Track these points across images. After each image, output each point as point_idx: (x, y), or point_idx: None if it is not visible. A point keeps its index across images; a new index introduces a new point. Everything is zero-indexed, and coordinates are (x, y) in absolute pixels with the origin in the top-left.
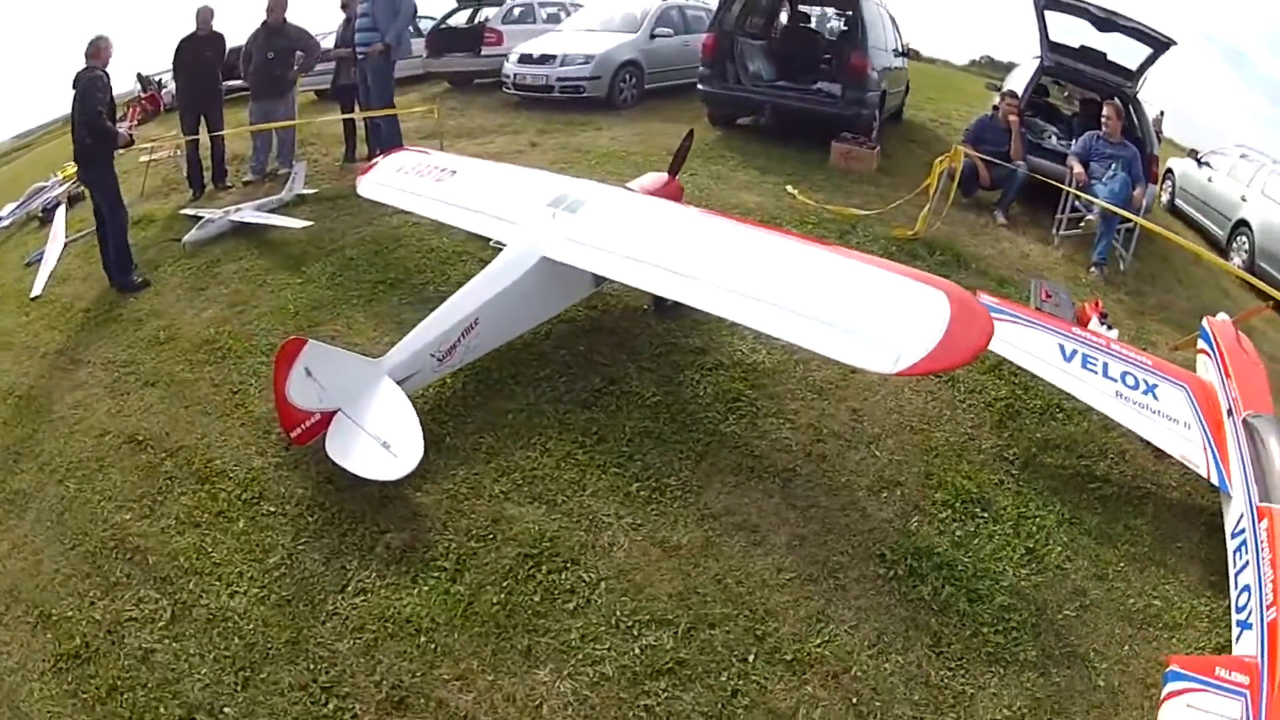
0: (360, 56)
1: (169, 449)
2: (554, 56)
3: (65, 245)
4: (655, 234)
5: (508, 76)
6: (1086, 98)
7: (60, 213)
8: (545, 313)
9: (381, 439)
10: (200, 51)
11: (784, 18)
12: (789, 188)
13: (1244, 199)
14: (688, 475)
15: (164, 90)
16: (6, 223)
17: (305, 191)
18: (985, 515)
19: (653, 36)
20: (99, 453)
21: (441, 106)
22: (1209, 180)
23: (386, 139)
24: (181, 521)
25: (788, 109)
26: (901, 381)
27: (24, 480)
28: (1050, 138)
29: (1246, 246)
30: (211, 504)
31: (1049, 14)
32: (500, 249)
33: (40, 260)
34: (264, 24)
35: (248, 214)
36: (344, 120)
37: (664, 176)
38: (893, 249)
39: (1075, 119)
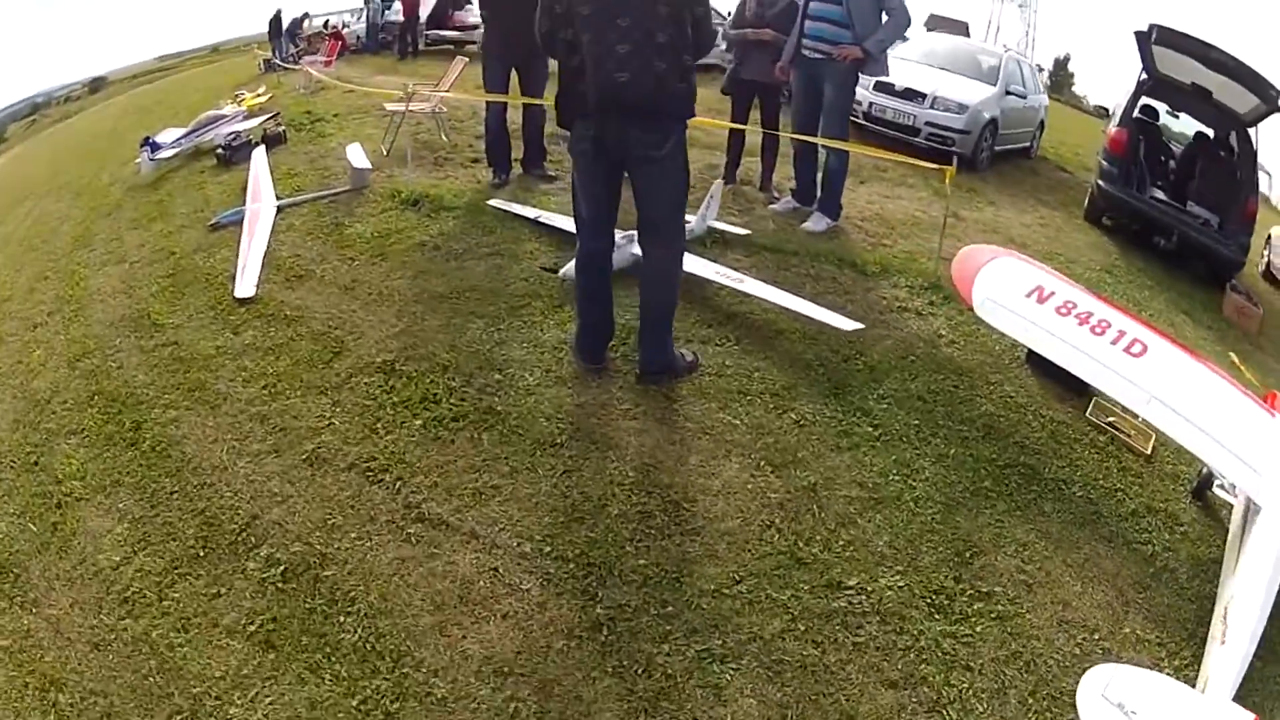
0: (815, 55)
1: None
2: (922, 95)
3: (279, 211)
4: None
5: (857, 102)
6: None
7: (259, 159)
8: None
9: None
10: None
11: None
12: (1232, 356)
13: None
14: None
15: (346, 30)
16: (169, 154)
17: (724, 227)
18: None
19: (1006, 92)
20: None
21: None
22: None
23: (834, 178)
24: None
25: (1186, 239)
26: None
27: None
28: None
29: None
30: None
31: None
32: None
33: (237, 222)
34: None
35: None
36: (731, 130)
37: None
38: None
39: None
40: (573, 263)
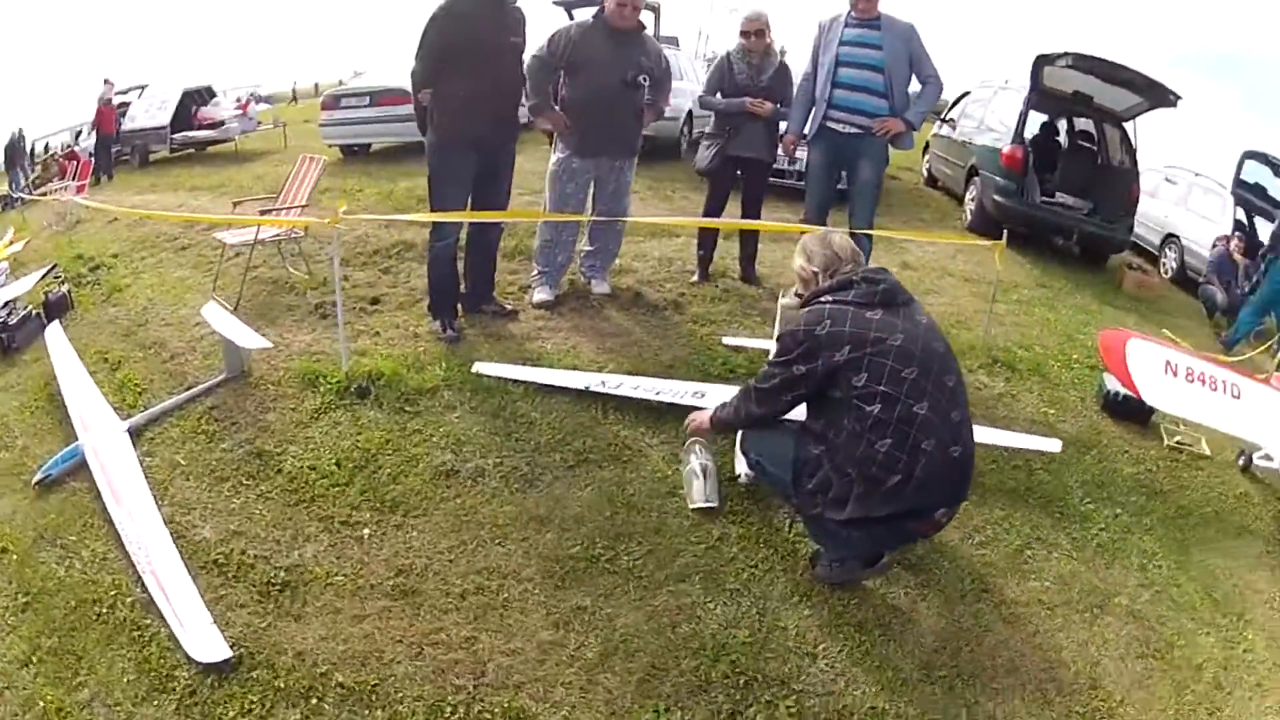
0: (849, 130)
1: None
2: None
3: (134, 439)
4: None
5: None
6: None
7: (59, 348)
8: None
9: None
10: (491, 37)
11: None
12: (1166, 332)
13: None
14: None
15: (78, 149)
16: None
17: (756, 344)
18: None
19: None
20: None
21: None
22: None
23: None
24: None
25: (1084, 233)
26: None
27: None
28: None
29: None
30: None
31: None
32: None
33: (76, 468)
34: (603, 20)
35: None
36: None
37: None
38: None
39: None
40: (746, 463)
